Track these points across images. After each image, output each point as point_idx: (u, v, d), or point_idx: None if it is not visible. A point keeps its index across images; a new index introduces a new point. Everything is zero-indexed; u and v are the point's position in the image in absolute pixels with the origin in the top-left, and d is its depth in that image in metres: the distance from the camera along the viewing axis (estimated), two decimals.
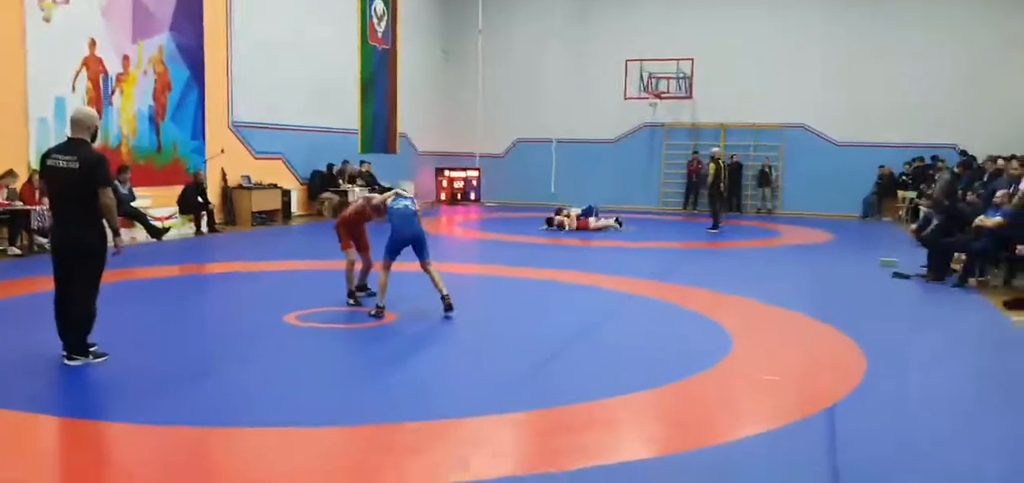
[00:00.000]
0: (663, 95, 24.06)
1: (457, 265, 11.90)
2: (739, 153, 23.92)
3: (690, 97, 24.01)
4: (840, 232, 18.42)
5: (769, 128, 23.81)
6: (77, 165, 5.92)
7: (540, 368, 6.30)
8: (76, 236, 5.98)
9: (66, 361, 6.06)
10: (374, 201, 8.39)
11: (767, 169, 23.61)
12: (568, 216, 17.62)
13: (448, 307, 7.98)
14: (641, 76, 24.10)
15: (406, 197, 8.19)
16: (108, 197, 6.00)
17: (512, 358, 6.65)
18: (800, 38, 23.36)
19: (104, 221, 6.05)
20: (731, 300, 9.39)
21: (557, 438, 4.84)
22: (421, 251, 7.99)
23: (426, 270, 8.07)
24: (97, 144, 6.34)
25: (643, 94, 24.12)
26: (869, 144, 22.87)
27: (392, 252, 7.98)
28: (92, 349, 6.16)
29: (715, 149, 18.72)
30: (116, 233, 6.15)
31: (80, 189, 5.93)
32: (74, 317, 6.06)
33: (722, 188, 18.26)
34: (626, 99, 24.48)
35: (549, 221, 17.83)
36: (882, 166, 22.47)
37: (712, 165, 17.87)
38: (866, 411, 5.37)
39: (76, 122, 6.13)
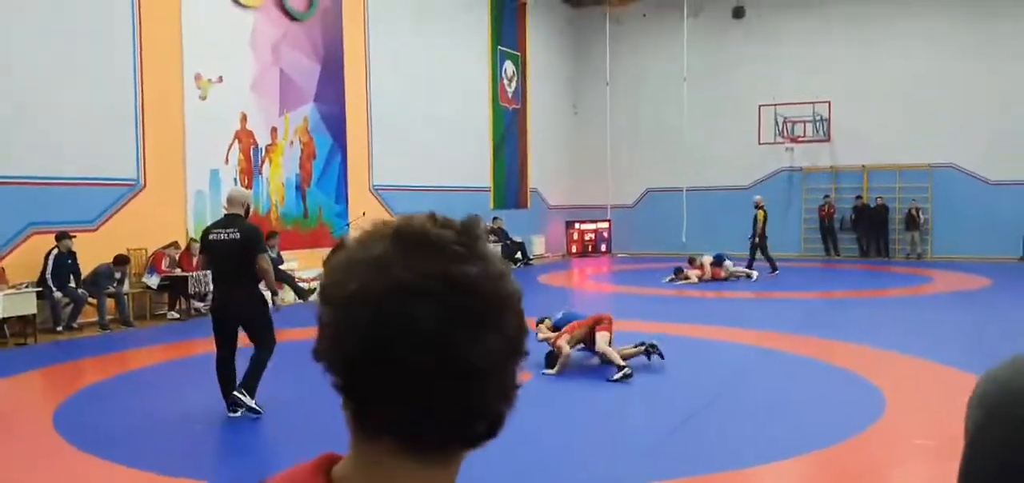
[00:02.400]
0: (799, 139, 23.32)
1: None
2: (884, 195, 22.83)
3: (828, 140, 23.17)
4: (998, 276, 17.18)
5: (914, 168, 22.62)
6: (237, 236, 6.53)
7: (676, 433, 6.13)
8: (238, 301, 6.57)
9: (235, 393, 6.52)
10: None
11: (914, 212, 22.38)
12: (701, 267, 17.05)
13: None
14: (775, 120, 23.46)
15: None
16: (265, 262, 6.62)
17: (647, 422, 6.51)
18: (942, 73, 22.19)
19: (261, 284, 6.65)
20: (881, 354, 8.88)
21: None
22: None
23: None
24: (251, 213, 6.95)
25: (778, 139, 23.45)
26: None
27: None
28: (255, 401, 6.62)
29: (758, 197, 18.65)
30: (274, 293, 6.81)
31: (240, 258, 6.51)
32: (255, 361, 6.61)
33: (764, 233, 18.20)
34: (760, 144, 23.86)
35: (677, 271, 17.24)
36: None
37: (760, 213, 17.91)
38: None
39: (232, 200, 6.84)
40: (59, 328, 11.32)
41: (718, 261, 17.17)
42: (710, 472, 5.17)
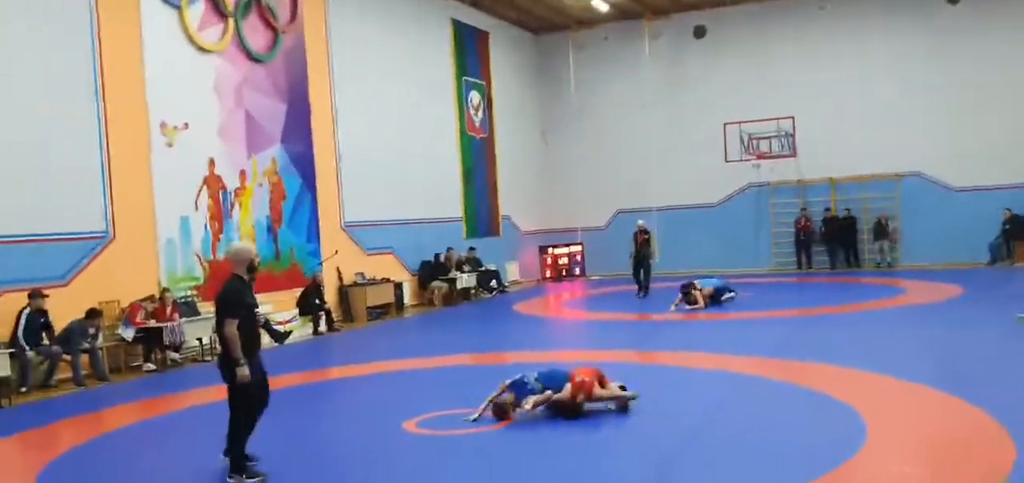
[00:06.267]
0: (765, 155, 23.63)
1: (558, 352, 11.78)
2: (851, 206, 23.16)
3: (794, 155, 23.50)
4: (969, 283, 17.45)
5: (881, 178, 22.98)
6: (216, 302, 6.53)
7: (654, 477, 6.11)
8: (220, 363, 6.50)
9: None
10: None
11: (883, 221, 22.73)
12: (701, 290, 16.16)
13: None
14: (741, 138, 23.78)
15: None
16: (227, 329, 6.33)
17: (624, 465, 6.47)
18: (904, 83, 22.64)
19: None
20: (859, 375, 8.99)
21: None
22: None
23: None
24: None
25: (744, 156, 23.76)
26: (989, 187, 21.77)
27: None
28: (249, 466, 6.50)
29: (641, 222, 19.17)
30: (236, 363, 6.35)
31: (218, 323, 6.47)
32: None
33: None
34: (727, 162, 24.16)
35: (686, 294, 16.09)
36: (1007, 209, 21.32)
37: (652, 236, 18.96)
38: None
39: (228, 259, 6.76)
40: (24, 389, 10.98)
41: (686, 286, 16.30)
42: None
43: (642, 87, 24.63)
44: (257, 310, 6.67)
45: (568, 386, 7.87)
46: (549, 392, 7.89)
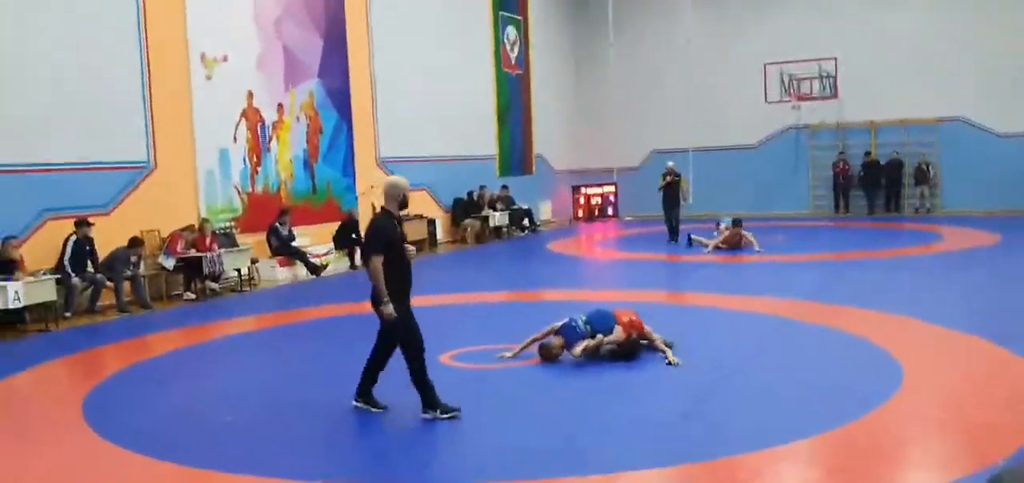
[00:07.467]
0: (805, 97, 23.23)
1: (594, 292, 11.84)
2: (891, 151, 22.76)
3: (835, 97, 23.06)
4: (1008, 231, 17.16)
5: (923, 122, 22.52)
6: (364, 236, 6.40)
7: (692, 413, 6.17)
8: (371, 299, 6.30)
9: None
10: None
11: (924, 166, 22.33)
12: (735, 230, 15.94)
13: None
14: (781, 79, 23.36)
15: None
16: (372, 265, 6.16)
17: (662, 401, 6.53)
18: (949, 26, 22.02)
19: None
20: (896, 320, 8.94)
21: None
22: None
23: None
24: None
25: (784, 97, 23.37)
26: None
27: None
28: (442, 406, 6.32)
29: (671, 163, 18.08)
30: (380, 300, 6.14)
31: (364, 258, 6.38)
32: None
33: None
34: (767, 102, 23.78)
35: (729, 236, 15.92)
36: None
37: (683, 178, 17.79)
38: None
39: (383, 194, 6.47)
40: (67, 314, 11.27)
41: (737, 223, 16.26)
42: (725, 455, 5.20)
43: (681, 24, 24.14)
44: (408, 246, 6.36)
45: (618, 328, 7.81)
46: (600, 337, 7.78)
